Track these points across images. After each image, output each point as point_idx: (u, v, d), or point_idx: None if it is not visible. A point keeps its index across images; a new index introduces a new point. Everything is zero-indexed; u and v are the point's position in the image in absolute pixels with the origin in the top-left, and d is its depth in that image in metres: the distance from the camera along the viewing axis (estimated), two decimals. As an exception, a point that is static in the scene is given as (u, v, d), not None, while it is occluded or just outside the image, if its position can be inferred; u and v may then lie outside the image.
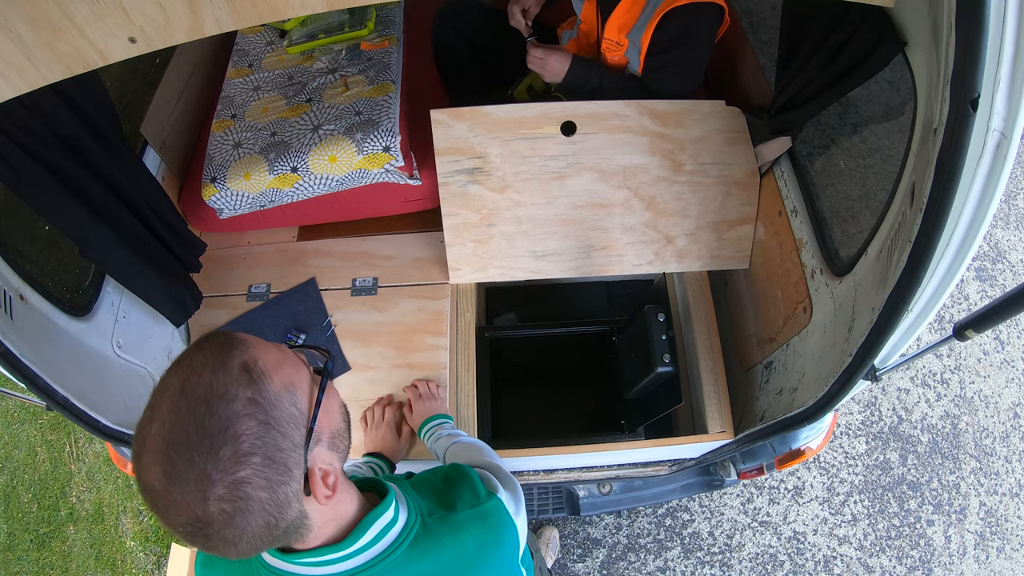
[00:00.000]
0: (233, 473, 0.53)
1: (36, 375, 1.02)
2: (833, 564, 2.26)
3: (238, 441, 0.53)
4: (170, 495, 0.53)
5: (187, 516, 0.53)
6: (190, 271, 1.62)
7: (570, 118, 1.54)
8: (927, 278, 0.81)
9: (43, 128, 1.09)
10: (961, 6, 0.66)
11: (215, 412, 0.53)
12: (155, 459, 0.53)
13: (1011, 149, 0.69)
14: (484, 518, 0.75)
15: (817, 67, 1.18)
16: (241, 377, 0.56)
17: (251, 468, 0.54)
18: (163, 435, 0.53)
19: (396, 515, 0.71)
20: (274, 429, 0.56)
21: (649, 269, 1.69)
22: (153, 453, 0.53)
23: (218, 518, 0.53)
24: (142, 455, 0.54)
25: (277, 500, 0.56)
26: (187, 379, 0.55)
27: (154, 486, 0.53)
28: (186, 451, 0.52)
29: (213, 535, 0.54)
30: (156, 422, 0.54)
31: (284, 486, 0.57)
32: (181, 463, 0.52)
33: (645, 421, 1.74)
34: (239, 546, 0.56)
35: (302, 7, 0.72)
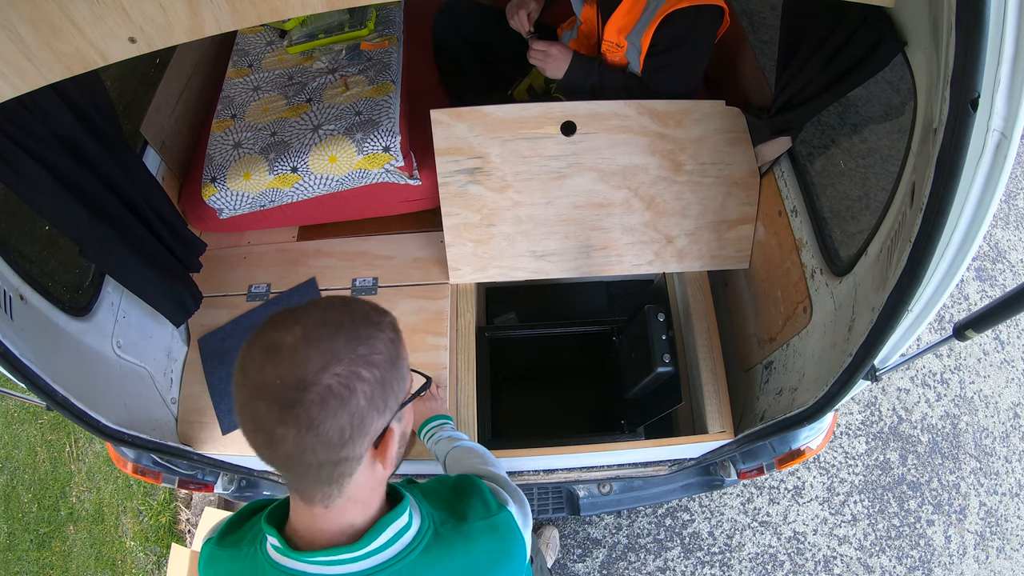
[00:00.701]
0: (358, 366, 0.58)
1: (36, 375, 1.02)
2: (833, 564, 2.26)
3: (373, 352, 0.59)
4: (297, 351, 0.56)
5: (297, 374, 0.56)
6: (190, 271, 1.62)
7: (570, 118, 1.54)
8: (927, 278, 0.81)
9: (43, 128, 1.09)
10: (961, 6, 0.66)
11: (368, 325, 0.61)
12: (300, 323, 0.58)
13: (1011, 149, 0.69)
14: (495, 530, 0.76)
15: (817, 67, 1.18)
16: (392, 326, 0.64)
17: (371, 375, 0.59)
18: (319, 314, 0.60)
19: (410, 520, 0.71)
20: (395, 372, 0.62)
21: (649, 269, 1.69)
22: (299, 320, 0.58)
23: (321, 391, 0.56)
24: (285, 319, 0.59)
25: (364, 419, 0.59)
26: (351, 299, 0.63)
27: (284, 341, 0.57)
28: (335, 329, 0.58)
29: (301, 405, 0.55)
30: (313, 307, 0.61)
31: (375, 416, 0.60)
32: (325, 333, 0.58)
33: (645, 421, 1.74)
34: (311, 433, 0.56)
35: (302, 7, 0.72)
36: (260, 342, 0.58)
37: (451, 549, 0.72)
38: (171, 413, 1.57)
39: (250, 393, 0.57)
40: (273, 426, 0.56)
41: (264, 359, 0.57)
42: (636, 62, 1.60)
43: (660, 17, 1.48)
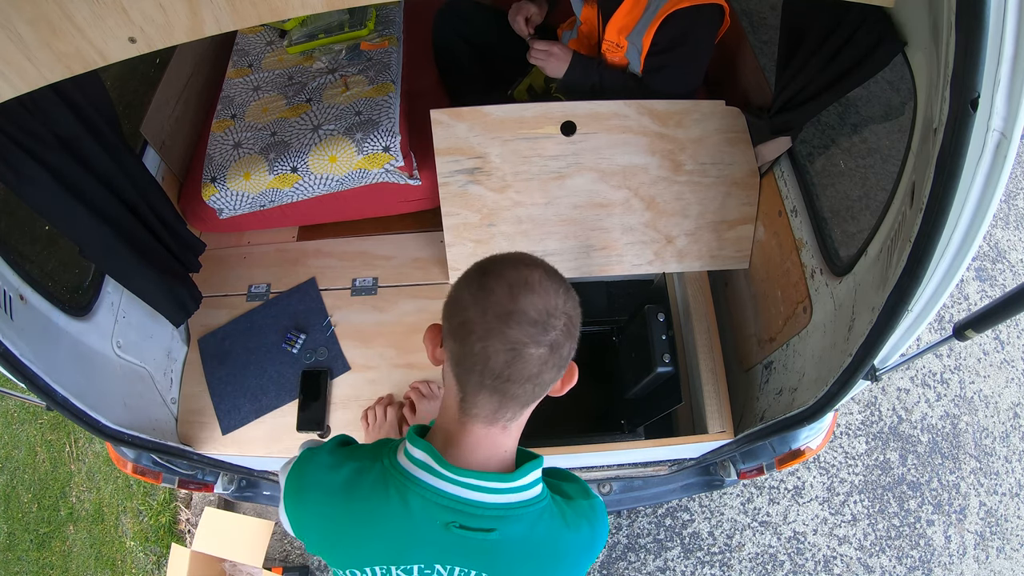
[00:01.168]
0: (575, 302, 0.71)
1: (36, 375, 1.02)
2: (833, 564, 2.26)
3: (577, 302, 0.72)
4: (545, 285, 0.68)
5: (550, 304, 0.67)
6: (189, 271, 1.62)
7: (570, 118, 1.54)
8: (927, 278, 0.81)
9: (43, 128, 1.09)
10: (961, 6, 0.66)
11: None
12: (535, 265, 0.70)
13: (1011, 149, 0.69)
14: (595, 511, 0.82)
15: (817, 67, 1.18)
16: None
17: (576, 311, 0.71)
18: (542, 264, 0.72)
19: (541, 476, 0.77)
20: None
21: (649, 269, 1.69)
22: (534, 263, 0.71)
23: (565, 320, 0.68)
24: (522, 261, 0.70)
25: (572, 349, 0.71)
26: None
27: (533, 277, 0.68)
28: (561, 278, 0.71)
29: (555, 330, 0.67)
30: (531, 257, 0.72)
31: (572, 350, 0.71)
32: (553, 275, 0.70)
33: (645, 421, 1.74)
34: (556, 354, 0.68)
35: (302, 7, 0.72)
36: (505, 279, 0.68)
37: (564, 517, 0.78)
38: (171, 413, 1.57)
39: (502, 317, 0.65)
40: (528, 347, 0.66)
41: (516, 291, 0.66)
42: (636, 62, 1.60)
43: (661, 17, 1.48)
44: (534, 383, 0.68)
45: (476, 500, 0.71)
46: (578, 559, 0.79)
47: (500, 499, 0.72)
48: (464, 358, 0.68)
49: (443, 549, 0.72)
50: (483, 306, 0.66)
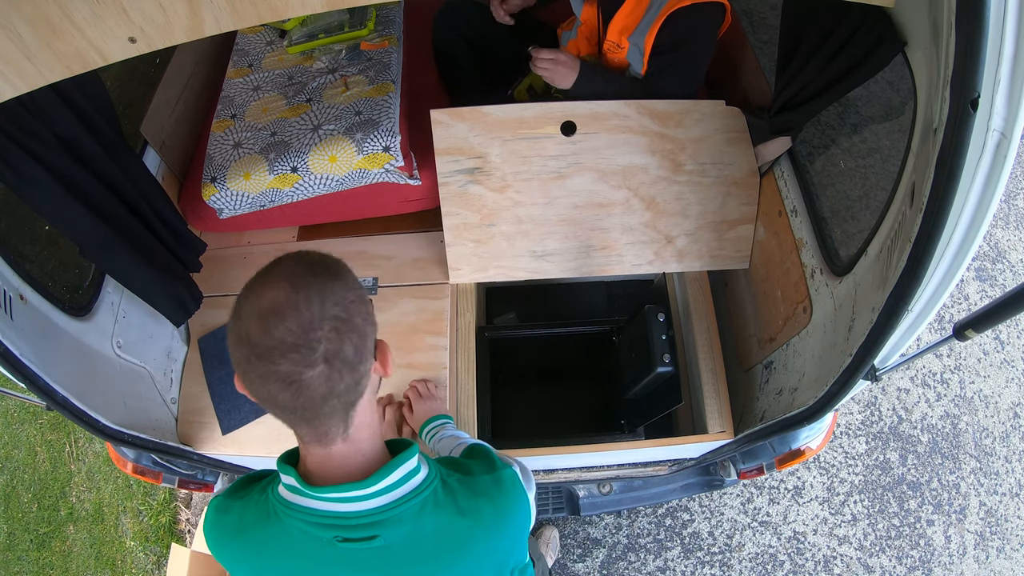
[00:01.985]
0: (344, 292, 0.63)
1: (36, 375, 1.02)
2: (833, 564, 2.26)
3: (347, 281, 0.65)
4: (295, 302, 0.60)
5: (306, 318, 0.60)
6: (190, 271, 1.62)
7: (570, 118, 1.54)
8: (927, 278, 0.81)
9: (43, 128, 1.09)
10: (961, 6, 0.66)
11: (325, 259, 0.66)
12: (282, 280, 0.62)
13: (1011, 149, 0.69)
14: (499, 484, 0.78)
15: (817, 67, 1.18)
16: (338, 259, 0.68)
17: (354, 296, 0.64)
18: (293, 268, 0.63)
19: (419, 466, 0.74)
20: (363, 292, 0.67)
21: (649, 269, 1.69)
22: (278, 278, 0.62)
23: (331, 323, 0.61)
24: (262, 284, 0.62)
25: (364, 333, 0.65)
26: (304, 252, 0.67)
27: (278, 298, 0.60)
28: (311, 275, 0.63)
29: (320, 342, 0.60)
30: (282, 265, 0.64)
31: (370, 329, 0.66)
32: (313, 280, 0.62)
33: (645, 421, 1.74)
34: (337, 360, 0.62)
35: (302, 7, 0.72)
36: (254, 310, 0.60)
37: (456, 499, 0.74)
38: (171, 413, 1.57)
39: (266, 357, 0.60)
40: (302, 373, 0.60)
41: (266, 323, 0.59)
42: (638, 63, 1.59)
43: (663, 16, 1.47)
44: (335, 395, 0.64)
45: (348, 511, 0.69)
46: (487, 543, 0.75)
47: (371, 504, 0.70)
48: (259, 400, 0.64)
49: (337, 565, 0.72)
50: (244, 349, 0.61)
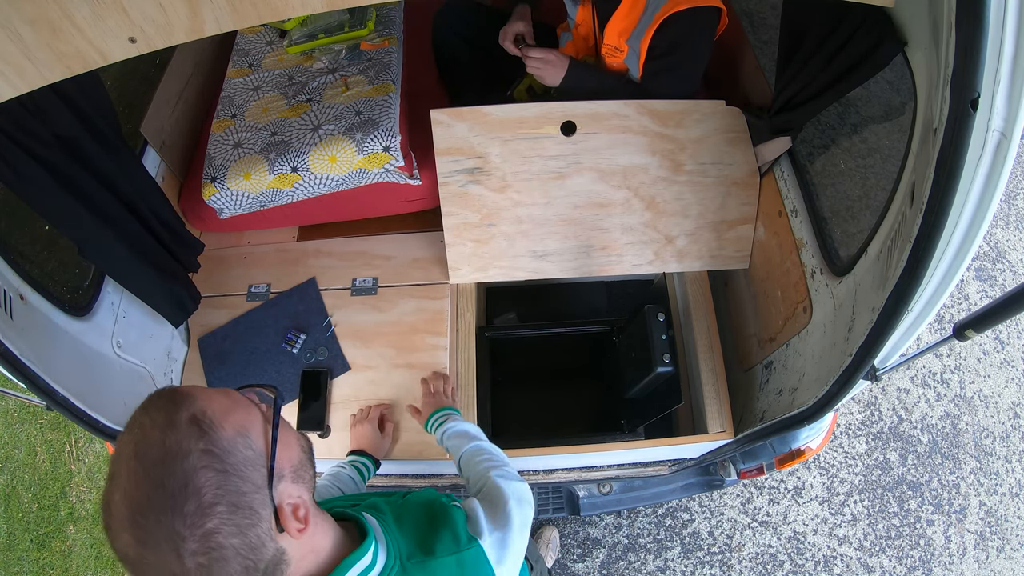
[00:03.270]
0: (201, 526, 0.53)
1: (36, 375, 1.02)
2: (833, 564, 2.26)
3: (200, 495, 0.54)
4: (145, 559, 0.53)
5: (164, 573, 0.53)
6: (188, 271, 1.62)
7: (570, 118, 1.54)
8: (927, 278, 0.81)
9: (43, 128, 1.09)
10: (961, 6, 0.66)
11: (172, 471, 0.54)
12: (123, 526, 0.53)
13: (1011, 149, 0.69)
14: (462, 566, 0.74)
15: (817, 67, 1.18)
16: (191, 430, 0.56)
17: (218, 518, 0.54)
18: (126, 502, 0.54)
19: (374, 559, 0.69)
20: (233, 476, 0.56)
21: (649, 269, 1.69)
22: (120, 521, 0.54)
23: (196, 572, 0.53)
24: (111, 525, 0.54)
25: (250, 544, 0.56)
26: (139, 442, 0.55)
27: (128, 553, 0.53)
28: (152, 513, 0.53)
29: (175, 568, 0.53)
30: (117, 491, 0.54)
31: (254, 528, 0.57)
32: (149, 525, 0.53)
33: (645, 421, 1.74)
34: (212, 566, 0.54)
35: (302, 7, 0.72)
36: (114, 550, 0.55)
37: None
38: (171, 413, 1.57)
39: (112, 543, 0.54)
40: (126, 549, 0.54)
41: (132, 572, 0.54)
42: (636, 68, 1.59)
43: (659, 20, 1.47)
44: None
45: None
46: None
47: None
48: None
49: None
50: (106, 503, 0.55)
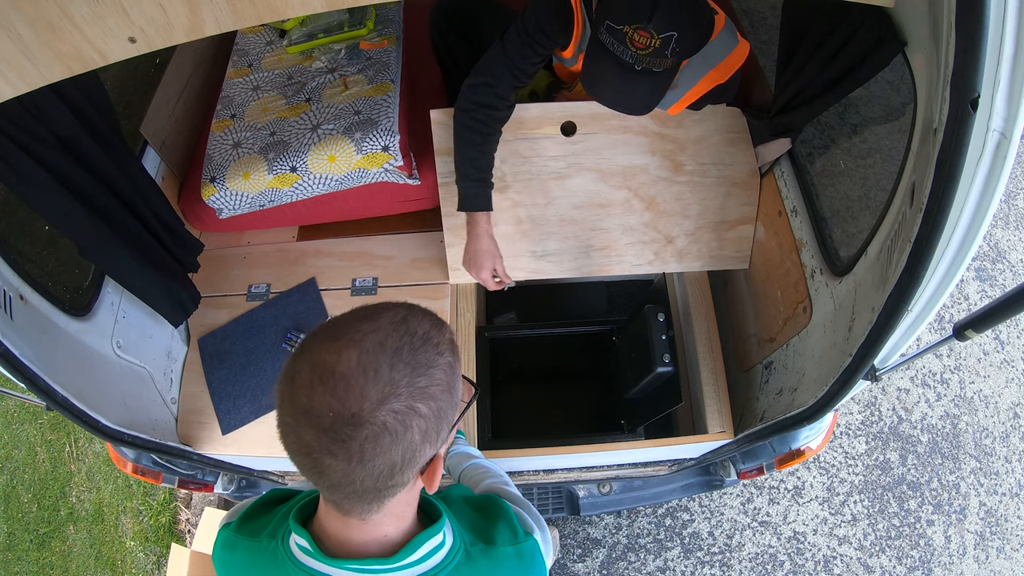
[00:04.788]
0: (416, 400, 0.55)
1: (36, 375, 1.02)
2: (833, 564, 2.26)
3: (432, 381, 0.57)
4: (352, 382, 0.53)
5: (351, 408, 0.53)
6: (188, 271, 1.62)
7: (570, 118, 1.54)
8: (927, 278, 0.80)
9: (43, 128, 1.09)
10: (961, 6, 0.66)
11: (428, 349, 0.58)
12: (356, 347, 0.55)
13: (1011, 149, 0.69)
14: (521, 557, 0.75)
15: (817, 68, 1.18)
16: (450, 344, 0.61)
17: (427, 409, 0.56)
18: (377, 337, 0.56)
19: (444, 539, 0.71)
20: (450, 399, 0.60)
21: (649, 269, 1.69)
22: (357, 343, 0.55)
23: (375, 429, 0.54)
24: (340, 339, 0.56)
25: (416, 452, 0.57)
26: (410, 315, 0.59)
27: (338, 367, 0.54)
28: (394, 357, 0.55)
29: (353, 440, 0.54)
30: (369, 323, 0.57)
31: (428, 448, 0.59)
32: (384, 361, 0.55)
33: (645, 421, 1.74)
34: (360, 467, 0.55)
35: (302, 7, 0.72)
36: (312, 361, 0.55)
37: (478, 572, 0.71)
38: (171, 413, 1.57)
39: (298, 415, 0.55)
40: (321, 455, 0.55)
41: (315, 383, 0.54)
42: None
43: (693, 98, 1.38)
44: (352, 486, 0.57)
45: None
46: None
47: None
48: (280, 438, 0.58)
49: None
50: (287, 397, 0.56)
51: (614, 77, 1.10)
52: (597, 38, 1.09)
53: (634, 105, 1.19)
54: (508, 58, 1.34)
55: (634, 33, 1.02)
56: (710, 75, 1.30)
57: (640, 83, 1.11)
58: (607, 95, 1.17)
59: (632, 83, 1.11)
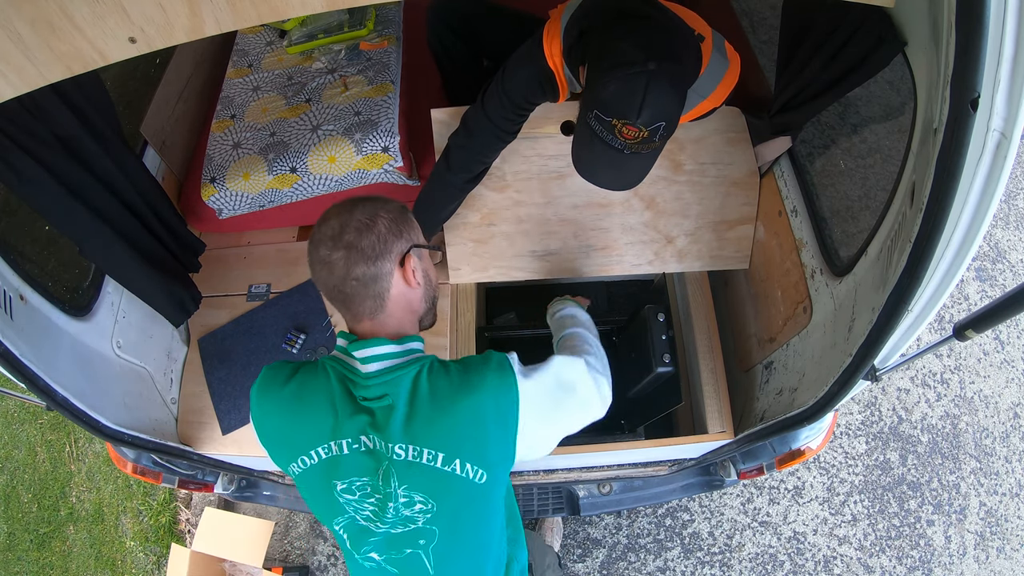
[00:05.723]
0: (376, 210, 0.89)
1: (36, 375, 1.02)
2: (833, 564, 2.26)
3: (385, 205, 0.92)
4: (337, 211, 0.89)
5: (341, 224, 0.87)
6: (189, 271, 1.62)
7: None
8: (927, 278, 0.81)
9: (43, 128, 1.09)
10: (961, 6, 0.66)
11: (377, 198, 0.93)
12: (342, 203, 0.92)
13: (1011, 149, 0.69)
14: (486, 360, 0.92)
15: (817, 67, 1.18)
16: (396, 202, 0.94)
17: (386, 214, 0.89)
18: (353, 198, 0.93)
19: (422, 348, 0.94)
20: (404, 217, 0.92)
21: (649, 269, 1.69)
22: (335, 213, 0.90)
23: (355, 224, 0.87)
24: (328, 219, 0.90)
25: (386, 239, 0.88)
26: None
27: (331, 211, 0.90)
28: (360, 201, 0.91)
29: (345, 235, 0.86)
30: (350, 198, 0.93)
31: (394, 239, 0.89)
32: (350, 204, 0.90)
33: (645, 421, 1.74)
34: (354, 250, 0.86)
35: (302, 7, 0.72)
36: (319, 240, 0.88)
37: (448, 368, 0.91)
38: (171, 413, 1.57)
39: (315, 246, 0.88)
40: (330, 254, 0.86)
41: (320, 224, 0.89)
42: None
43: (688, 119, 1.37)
44: (353, 278, 0.86)
45: (369, 372, 0.87)
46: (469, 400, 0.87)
47: (378, 366, 0.87)
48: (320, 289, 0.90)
49: (362, 424, 0.87)
50: (310, 244, 0.89)
51: (603, 158, 1.10)
52: (586, 121, 1.08)
53: (626, 182, 1.18)
54: (491, 122, 1.35)
55: (623, 127, 1.02)
56: (703, 104, 1.30)
57: (629, 165, 1.11)
58: (598, 177, 1.17)
59: (622, 165, 1.11)
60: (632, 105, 1.00)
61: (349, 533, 0.94)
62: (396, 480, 0.88)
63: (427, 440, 0.86)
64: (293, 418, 0.91)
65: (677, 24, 1.15)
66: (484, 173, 1.47)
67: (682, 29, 1.15)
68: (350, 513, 0.92)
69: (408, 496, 0.89)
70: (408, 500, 0.89)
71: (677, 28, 1.14)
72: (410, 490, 0.89)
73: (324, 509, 0.94)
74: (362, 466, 0.89)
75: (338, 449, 0.88)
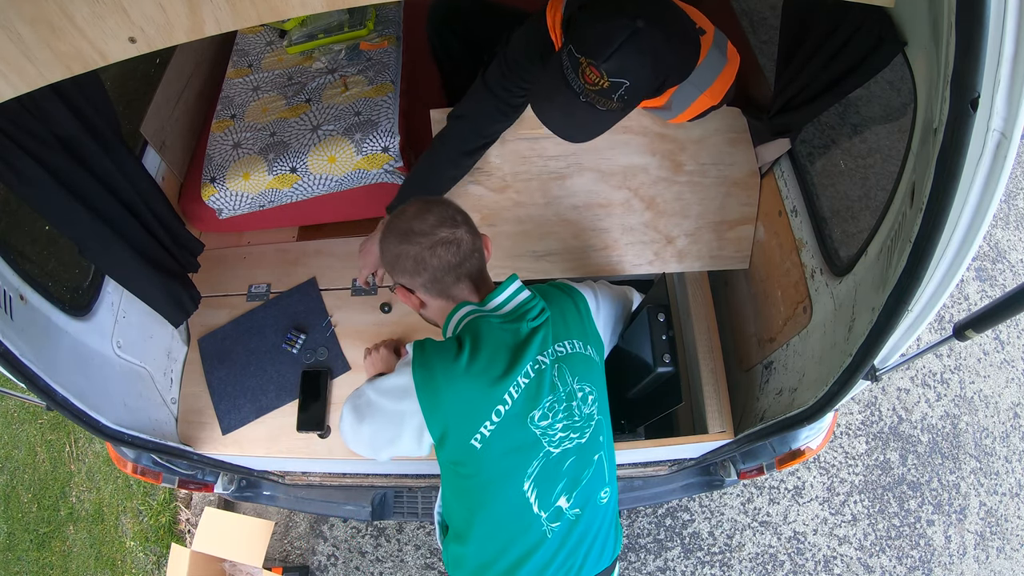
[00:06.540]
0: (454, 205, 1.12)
1: (36, 375, 1.02)
2: (833, 564, 2.26)
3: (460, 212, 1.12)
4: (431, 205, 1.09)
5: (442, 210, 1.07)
6: (188, 271, 1.62)
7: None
8: (927, 278, 0.81)
9: (43, 128, 1.09)
10: (961, 6, 0.66)
11: None
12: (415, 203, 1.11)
13: (1011, 149, 0.69)
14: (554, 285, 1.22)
15: (817, 68, 1.18)
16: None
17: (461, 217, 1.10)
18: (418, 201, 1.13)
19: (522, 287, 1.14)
20: None
21: (649, 269, 1.69)
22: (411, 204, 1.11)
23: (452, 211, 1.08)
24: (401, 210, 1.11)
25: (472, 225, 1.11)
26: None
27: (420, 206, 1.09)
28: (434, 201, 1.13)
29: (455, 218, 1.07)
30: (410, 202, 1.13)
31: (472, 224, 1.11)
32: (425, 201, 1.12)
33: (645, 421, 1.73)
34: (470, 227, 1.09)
35: (302, 7, 0.72)
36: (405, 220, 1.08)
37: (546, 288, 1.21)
38: (171, 413, 1.57)
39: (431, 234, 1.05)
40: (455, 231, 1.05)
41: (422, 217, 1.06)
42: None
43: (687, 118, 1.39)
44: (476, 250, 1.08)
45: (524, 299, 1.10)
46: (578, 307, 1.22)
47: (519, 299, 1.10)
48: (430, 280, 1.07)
49: (536, 345, 1.06)
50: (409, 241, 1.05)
51: (559, 97, 1.10)
52: (559, 57, 1.08)
53: (570, 132, 1.17)
54: (490, 91, 1.34)
55: (587, 67, 1.02)
56: (701, 99, 1.30)
57: (578, 113, 1.11)
58: (546, 114, 1.16)
59: (571, 109, 1.11)
60: (604, 48, 1.00)
61: (539, 483, 1.05)
62: (569, 374, 1.09)
63: (568, 334, 1.12)
64: (481, 378, 1.03)
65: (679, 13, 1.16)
66: (478, 153, 1.45)
67: (683, 18, 1.16)
68: (544, 447, 1.05)
69: (582, 388, 1.10)
70: (583, 393, 1.10)
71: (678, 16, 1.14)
72: (581, 380, 1.10)
73: (515, 467, 1.05)
74: (546, 384, 1.05)
75: (525, 380, 1.04)
